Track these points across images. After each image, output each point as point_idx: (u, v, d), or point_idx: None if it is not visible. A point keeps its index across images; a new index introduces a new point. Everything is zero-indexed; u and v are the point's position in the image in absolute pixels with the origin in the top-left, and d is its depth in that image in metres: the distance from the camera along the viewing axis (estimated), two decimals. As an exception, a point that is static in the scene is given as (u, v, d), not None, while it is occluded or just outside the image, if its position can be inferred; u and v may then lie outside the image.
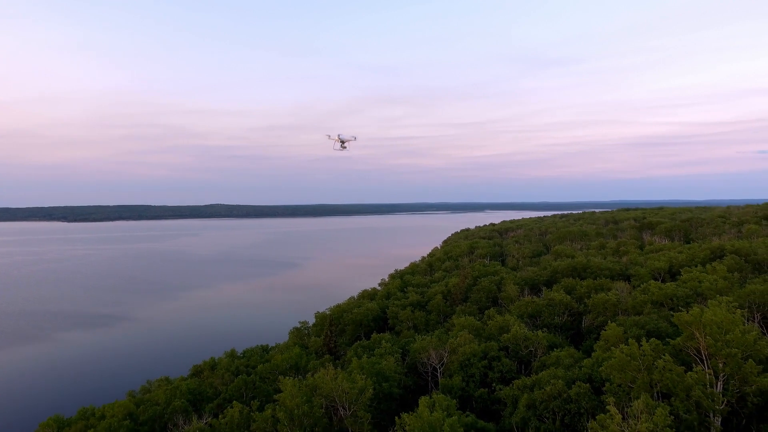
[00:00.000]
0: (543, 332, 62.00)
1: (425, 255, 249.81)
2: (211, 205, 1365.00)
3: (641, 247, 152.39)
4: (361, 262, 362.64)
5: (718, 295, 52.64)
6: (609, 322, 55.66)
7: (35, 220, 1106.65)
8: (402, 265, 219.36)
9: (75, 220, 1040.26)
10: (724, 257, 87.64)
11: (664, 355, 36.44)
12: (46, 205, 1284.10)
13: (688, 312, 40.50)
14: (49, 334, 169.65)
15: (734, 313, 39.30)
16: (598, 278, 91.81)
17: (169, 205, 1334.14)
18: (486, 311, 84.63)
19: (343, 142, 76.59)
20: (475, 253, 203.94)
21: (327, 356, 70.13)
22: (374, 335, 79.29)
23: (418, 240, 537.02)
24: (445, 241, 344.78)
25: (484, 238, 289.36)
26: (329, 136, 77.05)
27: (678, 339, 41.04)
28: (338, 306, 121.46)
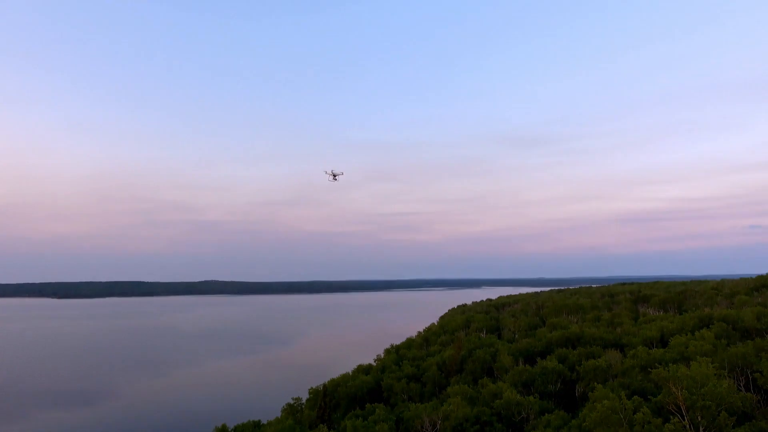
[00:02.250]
0: (535, 398, 62.46)
1: (421, 330, 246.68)
2: (206, 281, 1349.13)
3: (635, 319, 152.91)
4: (357, 339, 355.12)
5: (698, 356, 54.50)
6: (598, 385, 56.72)
7: (24, 297, 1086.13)
8: (398, 341, 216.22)
9: (65, 297, 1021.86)
10: (712, 325, 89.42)
11: (642, 408, 38.01)
12: (36, 281, 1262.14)
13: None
14: (26, 412, 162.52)
15: (708, 369, 41.43)
16: (590, 347, 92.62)
17: (162, 281, 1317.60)
18: (480, 380, 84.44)
19: (334, 175, 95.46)
20: (472, 327, 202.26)
21: (321, 426, 69.11)
22: (368, 405, 78.50)
23: (414, 316, 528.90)
24: (441, 317, 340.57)
25: (480, 312, 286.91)
26: (325, 172, 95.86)
27: (659, 396, 42.66)
28: (332, 380, 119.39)
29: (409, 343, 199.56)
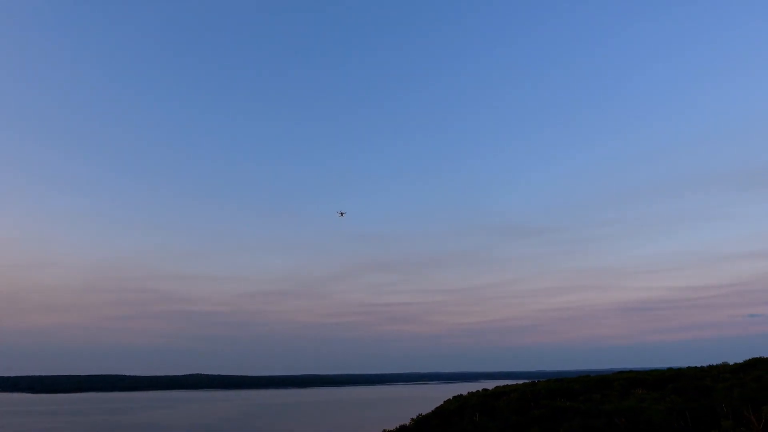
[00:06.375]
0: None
1: (414, 417, 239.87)
2: (191, 375, 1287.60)
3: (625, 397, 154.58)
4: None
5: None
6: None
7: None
8: None
9: (41, 391, 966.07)
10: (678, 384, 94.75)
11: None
12: (12, 374, 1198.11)
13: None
14: None
15: (650, 405, 48.35)
16: (573, 416, 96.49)
17: (145, 375, 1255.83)
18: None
19: (342, 213, 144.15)
20: (465, 412, 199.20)
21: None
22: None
23: (409, 411, 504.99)
24: (437, 407, 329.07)
25: (476, 403, 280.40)
26: (336, 212, 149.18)
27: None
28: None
29: (401, 430, 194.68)
